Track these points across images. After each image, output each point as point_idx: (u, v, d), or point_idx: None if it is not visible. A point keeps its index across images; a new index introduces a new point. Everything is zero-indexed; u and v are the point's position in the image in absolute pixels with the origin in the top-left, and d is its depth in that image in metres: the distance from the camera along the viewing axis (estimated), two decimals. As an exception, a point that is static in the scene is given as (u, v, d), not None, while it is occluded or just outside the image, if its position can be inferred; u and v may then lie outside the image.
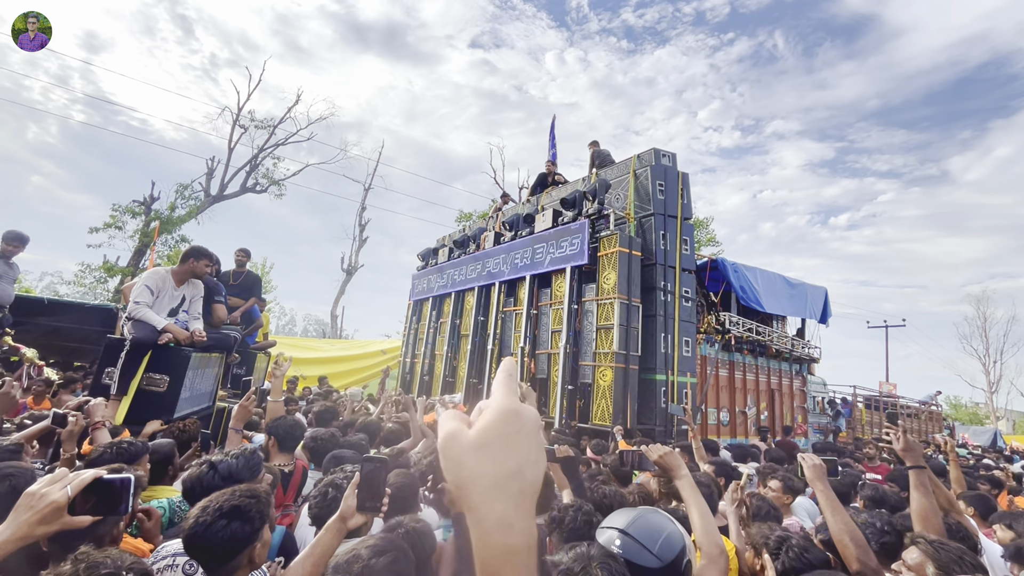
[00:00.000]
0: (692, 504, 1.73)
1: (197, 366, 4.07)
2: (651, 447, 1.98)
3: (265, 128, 21.41)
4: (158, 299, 3.77)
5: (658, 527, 1.46)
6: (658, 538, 1.42)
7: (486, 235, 9.18)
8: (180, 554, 1.55)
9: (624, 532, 1.42)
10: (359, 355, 13.80)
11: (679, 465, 1.86)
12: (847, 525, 1.86)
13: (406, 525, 1.68)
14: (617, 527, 1.45)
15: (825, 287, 11.78)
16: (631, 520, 1.46)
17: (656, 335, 6.55)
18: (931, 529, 2.09)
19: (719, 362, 8.64)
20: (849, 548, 1.80)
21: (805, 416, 10.80)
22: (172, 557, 1.56)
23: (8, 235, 5.20)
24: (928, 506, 2.19)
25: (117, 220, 18.46)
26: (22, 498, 1.04)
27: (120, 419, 3.37)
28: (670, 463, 1.87)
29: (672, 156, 7.38)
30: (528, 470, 0.41)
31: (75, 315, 9.16)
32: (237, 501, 1.45)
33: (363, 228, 25.35)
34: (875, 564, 1.80)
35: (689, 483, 1.80)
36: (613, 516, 1.54)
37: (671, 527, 1.49)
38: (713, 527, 1.68)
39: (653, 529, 1.45)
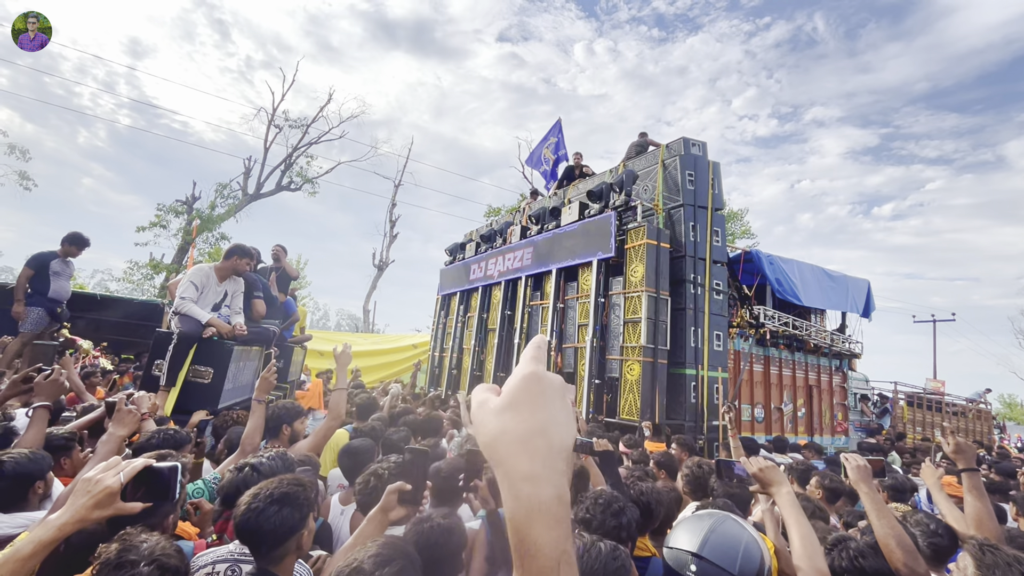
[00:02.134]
0: (793, 523, 1.63)
1: (239, 359, 4.27)
2: (752, 459, 1.89)
3: (299, 127, 22.05)
4: (202, 295, 3.97)
5: (733, 540, 1.35)
6: (736, 554, 1.32)
7: (512, 229, 9.20)
8: (221, 560, 1.58)
9: (698, 556, 1.31)
10: (391, 349, 14.09)
11: (779, 480, 1.77)
12: (893, 529, 1.77)
13: (434, 520, 1.67)
14: (689, 550, 1.33)
15: (868, 280, 11.29)
16: (703, 539, 1.34)
17: (686, 329, 6.44)
18: (987, 533, 2.00)
19: (753, 357, 8.42)
20: (896, 553, 1.71)
21: (845, 413, 10.42)
22: (212, 564, 1.59)
23: (71, 237, 5.56)
24: (983, 510, 2.09)
25: (162, 219, 19.44)
26: (79, 483, 1.13)
27: (169, 409, 3.58)
28: (770, 477, 1.78)
29: (702, 145, 7.20)
30: (553, 430, 0.42)
31: (124, 310, 9.75)
32: (287, 488, 1.51)
33: (393, 224, 25.78)
34: (923, 570, 1.72)
35: (791, 500, 1.69)
36: (681, 533, 1.40)
37: (745, 534, 1.39)
38: (817, 549, 1.57)
39: (729, 545, 1.34)
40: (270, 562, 1.46)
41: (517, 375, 0.45)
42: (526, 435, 0.41)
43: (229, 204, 20.53)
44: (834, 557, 1.71)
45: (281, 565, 1.48)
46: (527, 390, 0.44)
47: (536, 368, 0.45)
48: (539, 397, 0.43)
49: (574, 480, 2.60)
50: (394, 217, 25.83)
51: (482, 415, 0.44)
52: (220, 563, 1.58)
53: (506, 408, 0.43)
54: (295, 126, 22.03)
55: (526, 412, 0.42)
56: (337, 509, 2.47)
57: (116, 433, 1.78)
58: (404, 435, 3.36)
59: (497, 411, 0.43)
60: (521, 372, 0.45)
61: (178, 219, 19.62)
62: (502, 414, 0.43)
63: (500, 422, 0.42)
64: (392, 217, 25.79)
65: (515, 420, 0.42)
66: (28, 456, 1.73)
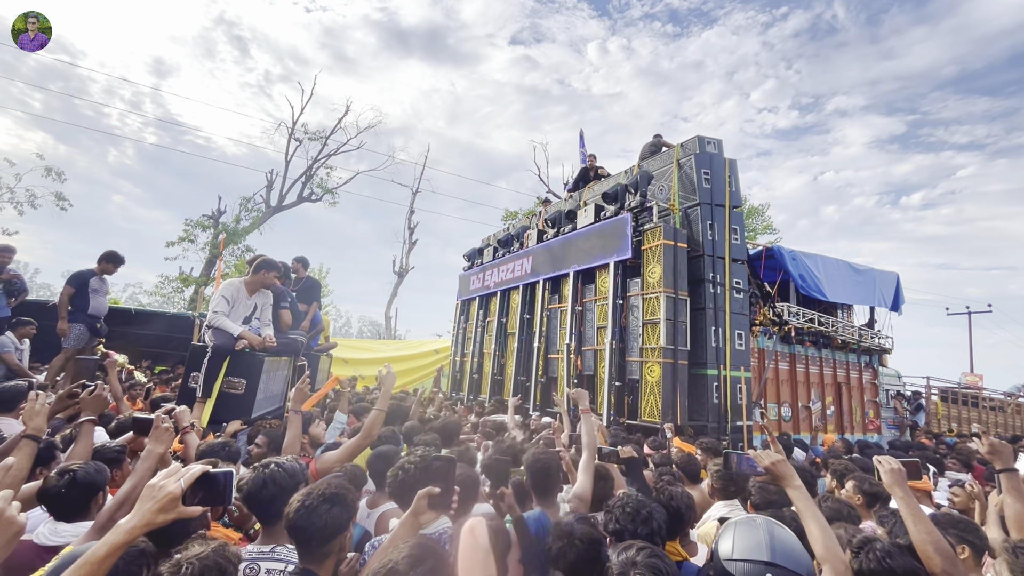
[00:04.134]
0: (810, 517, 1.64)
1: (269, 369, 4.43)
2: (762, 452, 1.89)
3: (318, 140, 22.57)
4: (233, 308, 4.14)
5: (792, 543, 1.37)
6: (803, 558, 1.34)
7: (529, 233, 9.26)
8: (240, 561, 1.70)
9: (773, 564, 1.30)
10: (413, 355, 14.28)
11: (792, 474, 1.78)
12: (931, 534, 1.71)
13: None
14: (761, 560, 1.32)
15: (897, 272, 10.97)
16: (769, 546, 1.34)
17: (706, 329, 6.40)
18: None
19: (778, 355, 8.28)
20: (934, 560, 1.65)
21: (877, 410, 10.14)
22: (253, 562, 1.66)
23: (108, 256, 5.86)
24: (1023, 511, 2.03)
25: (190, 234, 20.12)
26: (145, 490, 1.21)
27: (205, 420, 3.74)
28: (783, 472, 1.78)
29: (718, 143, 7.15)
30: None
31: (158, 324, 10.13)
32: (336, 489, 1.58)
33: (412, 231, 26.16)
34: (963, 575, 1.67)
35: (804, 494, 1.71)
36: (743, 544, 1.38)
37: (793, 537, 1.41)
38: (835, 541, 1.60)
39: (794, 550, 1.35)
40: (315, 560, 1.52)
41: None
42: None
43: (253, 217, 21.13)
44: (861, 560, 1.67)
45: (323, 565, 1.54)
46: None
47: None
48: None
49: (599, 484, 2.63)
50: (413, 224, 26.21)
51: None
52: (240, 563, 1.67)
53: None
54: (314, 138, 22.59)
55: None
56: (364, 512, 2.57)
57: (155, 450, 1.84)
58: (431, 438, 3.45)
59: None
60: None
61: (205, 233, 20.28)
62: None
63: None
64: (411, 224, 26.17)
65: None
66: (95, 467, 1.85)
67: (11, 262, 6.29)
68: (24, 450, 1.80)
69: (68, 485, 1.75)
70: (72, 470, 1.79)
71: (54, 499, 1.76)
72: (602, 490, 2.55)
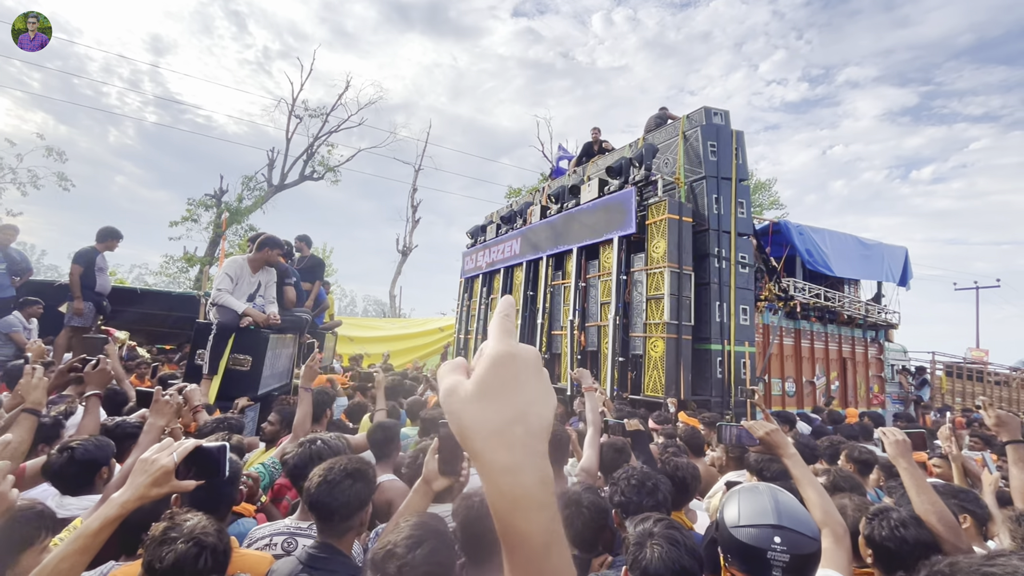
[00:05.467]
0: (807, 483, 1.68)
1: (275, 347, 4.45)
2: (755, 423, 1.91)
3: (319, 116, 22.24)
4: (237, 285, 4.15)
5: (796, 507, 1.39)
6: (808, 520, 1.37)
7: (532, 209, 9.17)
8: (278, 533, 1.69)
9: (780, 527, 1.30)
10: (418, 333, 14.37)
11: (786, 443, 1.80)
12: (934, 505, 1.74)
13: (480, 496, 1.64)
14: (768, 523, 1.32)
15: (905, 247, 10.85)
16: (775, 509, 1.34)
17: (710, 304, 6.36)
18: None
19: (783, 330, 8.26)
20: (937, 529, 1.69)
21: (882, 385, 10.16)
22: (269, 537, 1.69)
23: (110, 232, 5.85)
24: None
25: (193, 213, 20.07)
26: (137, 463, 1.22)
27: (213, 397, 3.78)
28: (776, 440, 1.81)
29: (724, 114, 6.97)
30: (531, 412, 0.39)
31: (163, 303, 10.19)
32: (358, 464, 1.59)
33: (415, 209, 25.94)
34: (967, 545, 1.71)
35: (800, 461, 1.75)
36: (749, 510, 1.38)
37: (796, 501, 1.43)
38: (832, 505, 1.63)
39: (798, 509, 1.38)
40: (336, 535, 1.53)
41: (487, 356, 0.41)
42: (502, 425, 0.38)
43: (255, 196, 21.02)
44: (874, 527, 1.68)
45: (344, 540, 1.54)
46: (499, 374, 0.39)
47: (507, 347, 0.41)
48: (512, 380, 0.39)
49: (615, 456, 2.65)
50: (416, 202, 25.98)
51: (453, 405, 0.40)
52: (277, 535, 1.70)
53: (479, 397, 0.39)
54: (315, 115, 22.27)
55: (500, 399, 0.39)
56: None
57: (156, 423, 1.85)
58: (438, 412, 3.49)
59: (469, 400, 0.39)
60: (491, 353, 0.41)
61: (208, 213, 20.23)
62: (474, 403, 0.39)
63: (474, 414, 0.38)
64: (414, 202, 25.94)
65: (489, 410, 0.38)
66: (95, 443, 1.87)
67: (14, 241, 6.31)
68: (24, 424, 1.80)
69: (67, 462, 1.78)
70: (71, 447, 1.81)
71: (57, 474, 1.80)
72: (617, 462, 2.58)
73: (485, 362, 0.40)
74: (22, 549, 1.36)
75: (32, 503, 1.44)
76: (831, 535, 1.52)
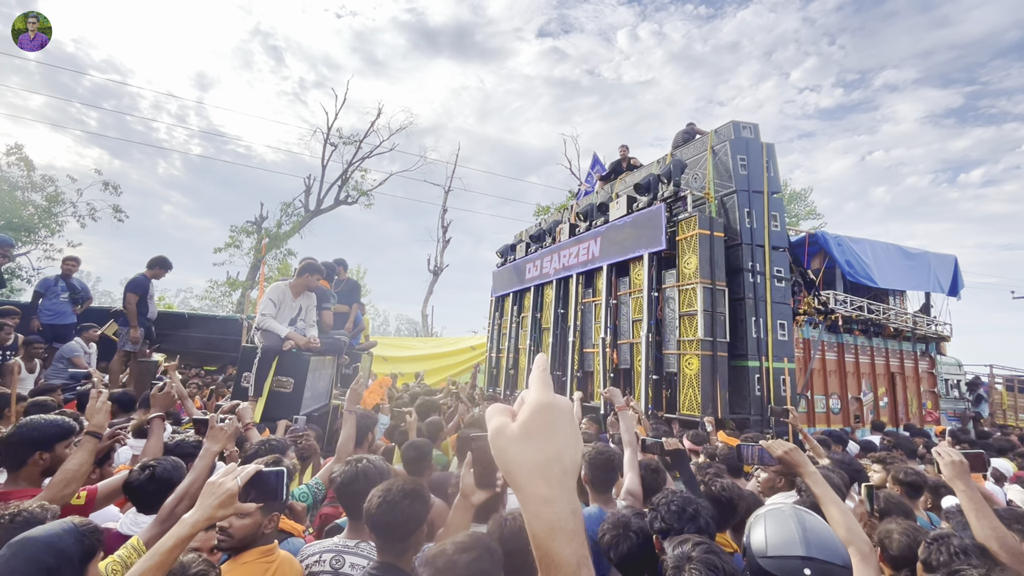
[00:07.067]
0: (829, 502, 1.65)
1: (315, 368, 4.62)
2: (773, 442, 1.89)
3: (352, 143, 23.16)
4: (280, 310, 4.35)
5: (825, 532, 1.36)
6: (838, 547, 1.33)
7: (561, 227, 9.22)
8: (327, 551, 1.73)
9: (810, 559, 1.27)
10: (450, 352, 14.51)
11: (805, 461, 1.78)
12: (995, 530, 1.66)
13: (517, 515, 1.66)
14: (797, 555, 1.29)
15: (954, 255, 10.31)
16: (804, 540, 1.31)
17: (746, 319, 6.22)
18: None
19: (825, 345, 7.95)
20: (1000, 556, 1.61)
21: (936, 401, 9.58)
22: (319, 554, 1.73)
23: (161, 261, 6.22)
24: None
25: (235, 240, 21.13)
26: (205, 487, 1.31)
27: (258, 418, 3.95)
28: (795, 459, 1.79)
29: (754, 127, 6.91)
30: (567, 453, 0.47)
31: (208, 326, 10.69)
32: (414, 485, 1.64)
33: (446, 229, 26.43)
34: None
35: (820, 479, 1.72)
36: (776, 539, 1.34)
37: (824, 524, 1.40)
38: (855, 523, 1.60)
39: (828, 539, 1.34)
40: (397, 555, 1.57)
41: (531, 404, 0.48)
42: (543, 463, 0.45)
43: (293, 221, 21.96)
44: (931, 551, 1.61)
45: (403, 558, 1.59)
46: (541, 420, 0.47)
47: (547, 397, 0.48)
48: (551, 425, 0.47)
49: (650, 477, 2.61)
50: (446, 222, 26.48)
51: (501, 443, 0.47)
52: (326, 553, 1.75)
53: (523, 438, 0.46)
54: (349, 142, 23.21)
55: (541, 441, 0.46)
56: None
57: (211, 448, 1.94)
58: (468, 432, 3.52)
59: (515, 440, 0.47)
60: (534, 401, 0.48)
61: (249, 239, 21.25)
62: (519, 443, 0.46)
63: (519, 452, 0.46)
64: (444, 222, 26.44)
65: (532, 449, 0.46)
66: (172, 464, 1.98)
67: (77, 271, 6.79)
68: (86, 446, 1.93)
69: (148, 479, 1.89)
70: (152, 465, 1.93)
71: (135, 492, 1.90)
72: (653, 483, 2.53)
73: (528, 409, 0.48)
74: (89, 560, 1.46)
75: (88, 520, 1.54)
76: (857, 553, 1.48)
